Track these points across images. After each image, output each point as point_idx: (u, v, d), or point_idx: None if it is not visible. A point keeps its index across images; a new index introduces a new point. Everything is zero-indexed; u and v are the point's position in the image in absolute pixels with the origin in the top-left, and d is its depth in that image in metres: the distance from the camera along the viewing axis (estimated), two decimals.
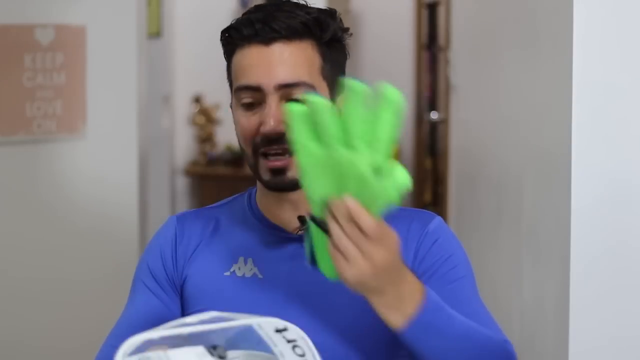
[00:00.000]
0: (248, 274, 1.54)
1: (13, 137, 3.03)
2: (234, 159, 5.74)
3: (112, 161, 3.25)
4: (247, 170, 5.75)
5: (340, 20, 1.56)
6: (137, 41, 3.28)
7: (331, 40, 1.53)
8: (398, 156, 5.86)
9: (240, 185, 1.70)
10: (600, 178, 2.04)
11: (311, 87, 1.49)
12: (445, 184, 4.16)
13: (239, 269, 1.55)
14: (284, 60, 1.48)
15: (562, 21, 2.09)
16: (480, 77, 3.09)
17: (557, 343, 2.12)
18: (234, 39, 1.52)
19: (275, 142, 1.48)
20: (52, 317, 3.16)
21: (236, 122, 1.54)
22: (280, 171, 1.50)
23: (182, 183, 5.92)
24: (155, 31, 4.99)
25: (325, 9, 1.54)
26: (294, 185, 1.50)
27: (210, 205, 1.66)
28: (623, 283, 2.06)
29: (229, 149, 5.79)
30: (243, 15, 1.53)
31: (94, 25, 3.16)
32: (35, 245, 3.13)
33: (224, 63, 1.57)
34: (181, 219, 1.63)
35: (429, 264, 1.55)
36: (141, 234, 3.36)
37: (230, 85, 1.57)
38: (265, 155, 1.50)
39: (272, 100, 1.48)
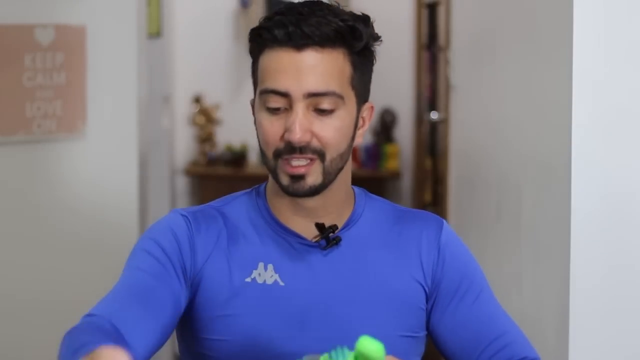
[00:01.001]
0: (269, 281, 1.51)
1: (13, 137, 3.03)
2: (234, 159, 5.74)
3: (112, 161, 3.25)
4: (247, 170, 5.77)
5: (372, 26, 1.52)
6: (137, 41, 3.28)
7: (363, 49, 1.50)
8: (398, 156, 5.86)
9: (240, 185, 1.67)
10: (600, 178, 2.04)
11: (339, 97, 1.47)
12: (445, 184, 4.15)
13: (259, 275, 1.52)
14: (315, 68, 1.45)
15: (562, 21, 2.09)
16: (480, 77, 3.09)
17: (557, 343, 2.12)
18: (264, 39, 1.47)
19: (299, 151, 1.46)
20: (52, 316, 3.16)
21: (258, 124, 1.50)
22: (300, 177, 1.47)
23: (182, 183, 5.92)
24: (155, 31, 4.98)
25: (359, 15, 1.50)
26: (313, 192, 1.49)
27: (213, 204, 1.61)
28: (623, 283, 2.06)
29: (229, 149, 5.79)
30: (275, 14, 1.48)
31: (94, 25, 3.16)
32: (35, 245, 3.12)
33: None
34: (192, 214, 1.56)
35: (447, 286, 1.56)
36: (141, 234, 3.36)
37: (254, 83, 1.53)
38: (286, 160, 1.47)
39: (299, 107, 1.45)
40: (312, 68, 1.45)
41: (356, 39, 1.48)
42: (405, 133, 5.92)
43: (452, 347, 1.56)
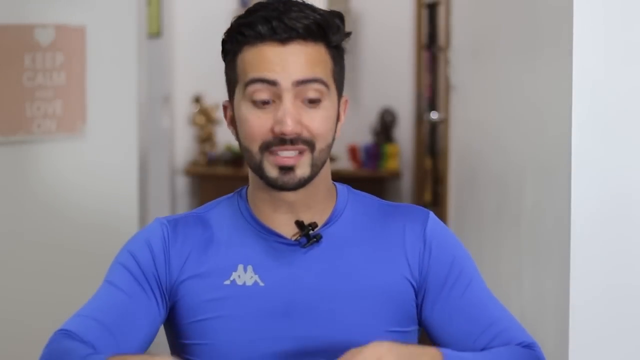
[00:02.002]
0: (249, 282, 1.51)
1: (13, 137, 3.03)
2: (234, 159, 5.75)
3: (112, 161, 3.25)
4: (247, 171, 5.76)
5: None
6: (137, 41, 3.28)
7: (339, 44, 1.52)
8: (398, 156, 5.86)
9: (240, 185, 1.67)
10: (600, 178, 2.04)
11: (325, 86, 1.47)
12: (445, 184, 4.16)
13: (239, 277, 1.51)
14: (301, 58, 1.46)
15: (562, 21, 2.09)
16: (480, 77, 3.09)
17: (557, 343, 2.12)
18: (246, 36, 1.47)
19: (290, 142, 1.45)
20: (51, 314, 3.16)
21: (243, 119, 1.48)
22: (289, 168, 1.47)
23: (182, 183, 5.92)
24: (155, 31, 4.99)
25: (334, 12, 1.52)
26: (301, 185, 1.48)
27: (197, 210, 1.61)
28: (623, 283, 2.06)
29: (229, 149, 5.79)
30: (249, 13, 1.48)
31: (94, 25, 3.16)
32: (35, 245, 3.13)
33: (224, 63, 1.55)
34: (172, 222, 1.56)
35: (435, 276, 1.55)
36: None
37: (230, 83, 1.52)
38: (274, 152, 1.46)
39: (288, 98, 1.45)
40: (298, 58, 1.46)
41: (334, 33, 1.50)
42: (405, 133, 5.93)
43: (446, 337, 1.55)
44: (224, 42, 1.52)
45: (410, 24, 5.76)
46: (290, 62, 1.45)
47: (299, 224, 1.53)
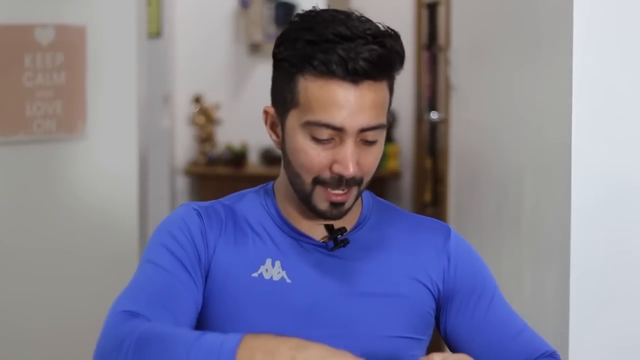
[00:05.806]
0: (276, 277, 1.51)
1: (13, 137, 3.03)
2: (234, 158, 5.75)
3: (112, 161, 3.25)
4: (247, 170, 5.77)
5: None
6: (137, 41, 3.28)
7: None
8: (398, 156, 5.86)
9: (240, 185, 1.67)
10: (600, 178, 2.04)
11: (384, 127, 1.48)
12: (445, 184, 4.16)
13: (267, 271, 1.52)
14: (369, 103, 1.44)
15: (562, 21, 2.09)
16: (480, 77, 3.09)
17: (557, 343, 2.12)
18: (315, 67, 1.43)
19: (345, 184, 1.47)
20: (52, 314, 3.16)
21: (299, 149, 1.47)
22: (341, 204, 1.48)
23: (182, 183, 5.92)
24: (155, 31, 4.99)
25: (394, 34, 1.48)
26: (346, 214, 1.51)
27: (222, 200, 1.60)
28: (623, 282, 2.06)
29: (229, 149, 5.79)
30: (313, 31, 1.44)
31: (94, 25, 3.16)
32: (36, 245, 3.13)
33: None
34: (202, 207, 1.56)
35: (462, 290, 1.58)
36: (141, 234, 3.36)
37: (284, 99, 1.48)
38: (327, 188, 1.47)
39: (351, 141, 1.45)
40: (367, 103, 1.44)
41: (398, 69, 1.49)
42: (405, 133, 5.93)
43: (474, 348, 1.56)
44: (282, 55, 1.48)
45: (410, 24, 5.76)
46: (358, 107, 1.43)
47: (329, 227, 1.54)
